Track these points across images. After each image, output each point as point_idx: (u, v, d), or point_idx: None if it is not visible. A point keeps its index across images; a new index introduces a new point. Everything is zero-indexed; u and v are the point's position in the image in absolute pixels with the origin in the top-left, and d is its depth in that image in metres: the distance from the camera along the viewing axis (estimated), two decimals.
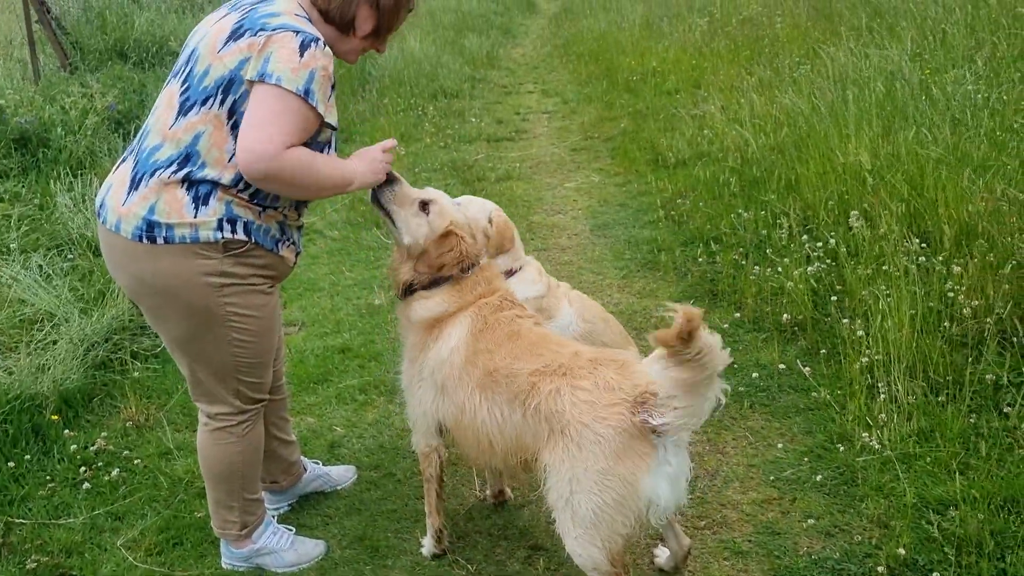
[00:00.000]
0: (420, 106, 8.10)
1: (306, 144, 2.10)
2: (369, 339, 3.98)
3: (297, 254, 2.36)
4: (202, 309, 2.17)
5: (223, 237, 2.12)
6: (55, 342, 3.67)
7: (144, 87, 7.22)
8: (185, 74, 2.14)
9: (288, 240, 2.29)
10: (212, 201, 2.11)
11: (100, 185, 2.40)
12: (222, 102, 2.07)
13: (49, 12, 7.80)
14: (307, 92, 2.03)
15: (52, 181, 5.35)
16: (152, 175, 2.11)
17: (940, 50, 5.61)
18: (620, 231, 5.09)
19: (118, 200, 2.14)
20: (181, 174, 2.09)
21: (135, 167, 2.15)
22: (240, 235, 2.15)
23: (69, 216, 4.85)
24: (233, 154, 2.06)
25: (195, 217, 2.09)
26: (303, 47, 2.03)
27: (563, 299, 2.90)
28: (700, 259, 4.40)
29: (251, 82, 2.03)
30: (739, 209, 4.62)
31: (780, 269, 3.94)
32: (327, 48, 2.10)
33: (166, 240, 2.09)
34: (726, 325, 3.81)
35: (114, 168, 2.25)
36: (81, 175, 5.45)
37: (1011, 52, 5.29)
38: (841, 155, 4.41)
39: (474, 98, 8.73)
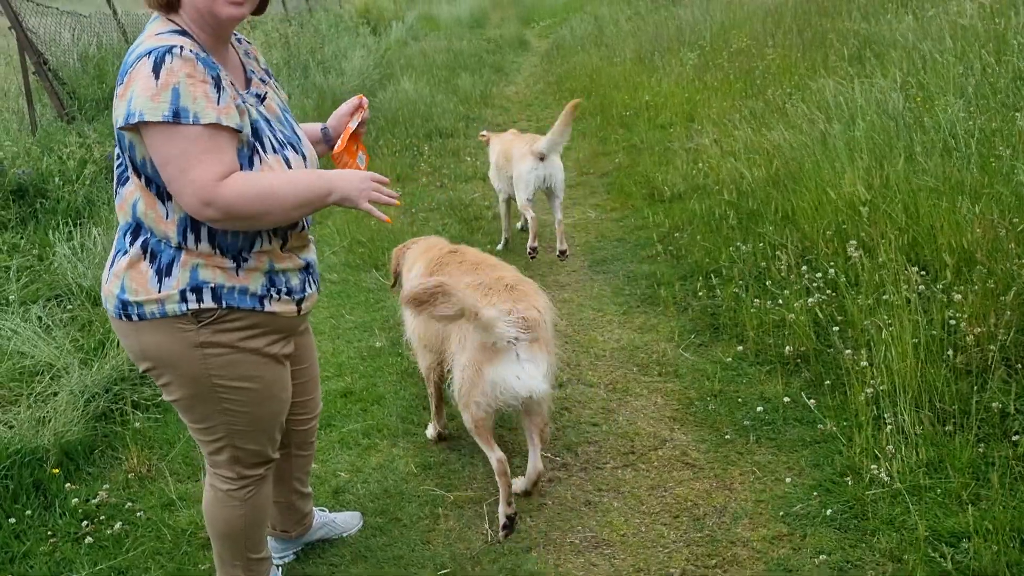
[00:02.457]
0: (415, 146, 8.15)
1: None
2: (371, 382, 3.96)
3: (302, 300, 2.17)
4: (191, 379, 2.07)
5: (188, 309, 1.99)
6: (55, 394, 3.65)
7: None
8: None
9: (281, 290, 2.11)
10: (175, 270, 1.98)
11: (99, 235, 2.36)
12: (131, 161, 1.95)
13: (46, 64, 7.86)
14: (177, 113, 1.81)
15: (51, 231, 5.36)
16: (121, 253, 2.04)
17: (930, 78, 5.65)
18: (619, 266, 5.10)
19: (104, 277, 2.09)
20: (138, 245, 2.00)
21: (115, 244, 2.09)
22: (208, 303, 2.00)
23: (68, 266, 4.85)
24: (169, 209, 1.95)
25: (159, 292, 1.98)
26: (156, 67, 1.82)
27: None
28: (700, 293, 4.39)
29: (123, 129, 1.87)
30: (737, 242, 4.62)
31: (781, 301, 3.94)
32: (186, 52, 1.85)
33: (140, 317, 2.00)
34: (729, 359, 3.81)
35: None
36: (80, 225, 5.46)
37: (1001, 79, 5.32)
38: (835, 186, 4.42)
39: (469, 137, 8.77)
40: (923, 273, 3.68)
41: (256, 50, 2.32)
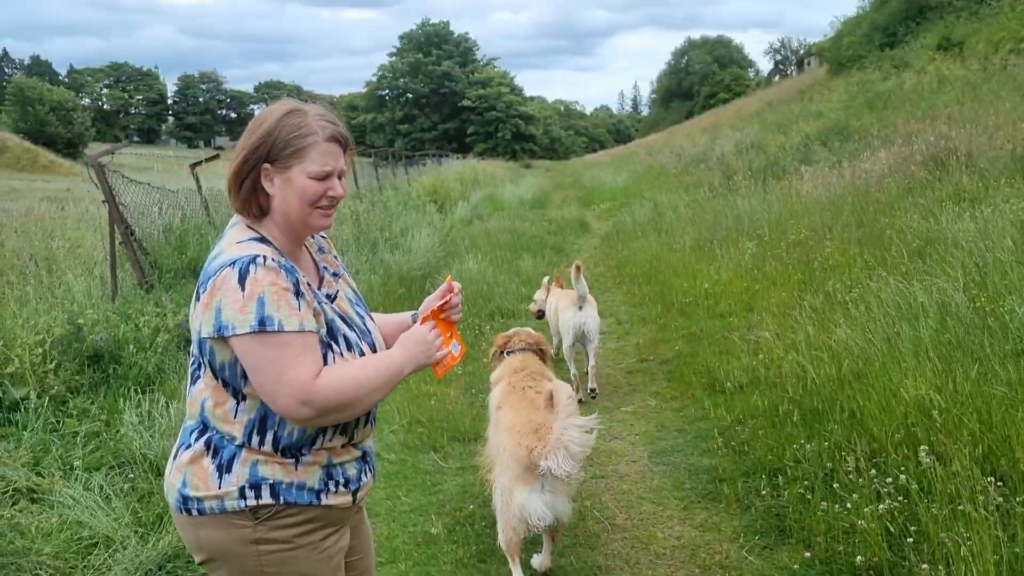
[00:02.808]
0: (477, 326, 8.29)
1: None
2: (425, 570, 3.88)
3: (357, 490, 2.19)
4: (246, 574, 2.07)
5: (247, 505, 2.01)
6: (110, 568, 3.64)
7: None
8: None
9: (339, 482, 2.13)
10: (235, 466, 2.02)
11: (166, 405, 2.38)
12: (208, 364, 2.02)
13: (132, 234, 8.33)
14: (263, 322, 1.90)
15: (120, 398, 5.51)
16: (184, 447, 2.08)
17: (994, 279, 5.65)
18: (679, 458, 5.02)
19: (167, 469, 2.13)
20: (202, 442, 2.05)
21: (179, 438, 2.13)
22: (266, 499, 2.02)
23: (135, 435, 4.94)
24: (239, 409, 2.02)
25: (219, 488, 2.01)
26: (241, 279, 1.92)
27: None
28: (763, 491, 4.28)
29: (214, 339, 1.95)
30: (801, 440, 4.53)
31: (849, 505, 3.80)
32: (269, 261, 1.95)
33: (199, 512, 2.03)
34: (796, 565, 3.66)
35: None
36: (149, 392, 5.61)
37: None
38: (903, 388, 4.36)
39: (530, 318, 8.91)
40: (1000, 484, 3.55)
41: (329, 243, 2.43)
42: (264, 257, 1.96)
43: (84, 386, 5.80)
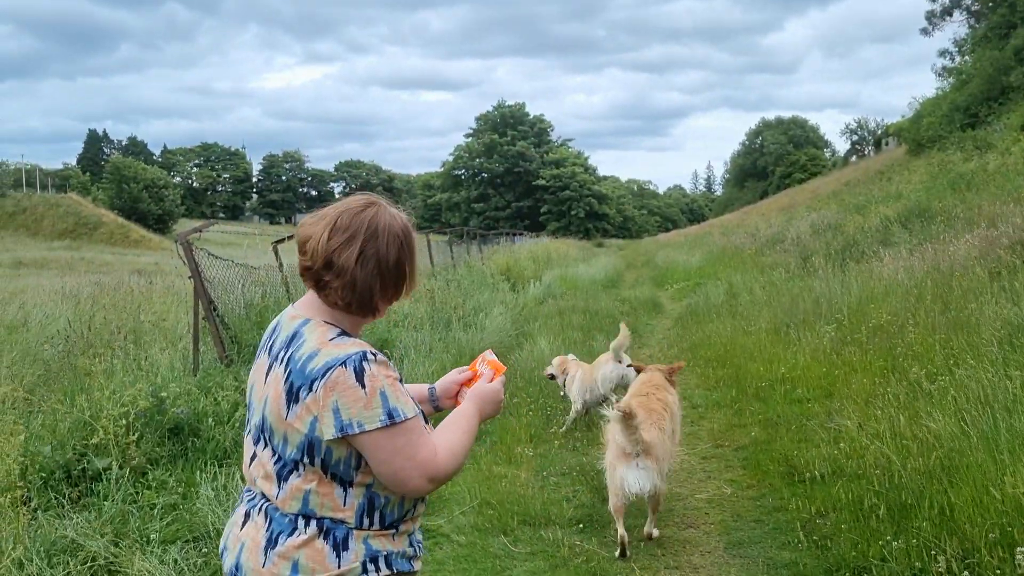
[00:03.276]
0: (549, 406, 8.23)
1: None
2: None
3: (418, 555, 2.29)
4: None
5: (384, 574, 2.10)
6: None
7: None
8: (269, 442, 2.13)
9: (417, 547, 2.23)
10: (351, 544, 2.08)
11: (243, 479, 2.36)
12: (311, 462, 2.07)
13: (216, 309, 8.57)
14: (391, 414, 2.02)
15: (197, 471, 5.60)
16: (285, 534, 2.08)
17: None
18: (757, 551, 4.84)
19: (256, 562, 2.09)
20: (314, 526, 2.08)
21: (269, 526, 2.11)
22: (384, 571, 2.10)
23: (208, 509, 5.00)
24: (348, 495, 2.09)
25: (339, 567, 2.05)
26: (359, 376, 2.01)
27: None
28: None
29: (335, 440, 2.03)
30: (888, 536, 4.33)
31: None
32: (380, 356, 2.07)
33: None
34: None
35: (238, 522, 2.21)
36: (226, 465, 5.69)
37: None
38: (999, 485, 4.15)
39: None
40: None
41: None
42: (374, 353, 2.07)
43: (163, 458, 5.91)
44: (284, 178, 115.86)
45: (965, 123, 29.94)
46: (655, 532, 5.07)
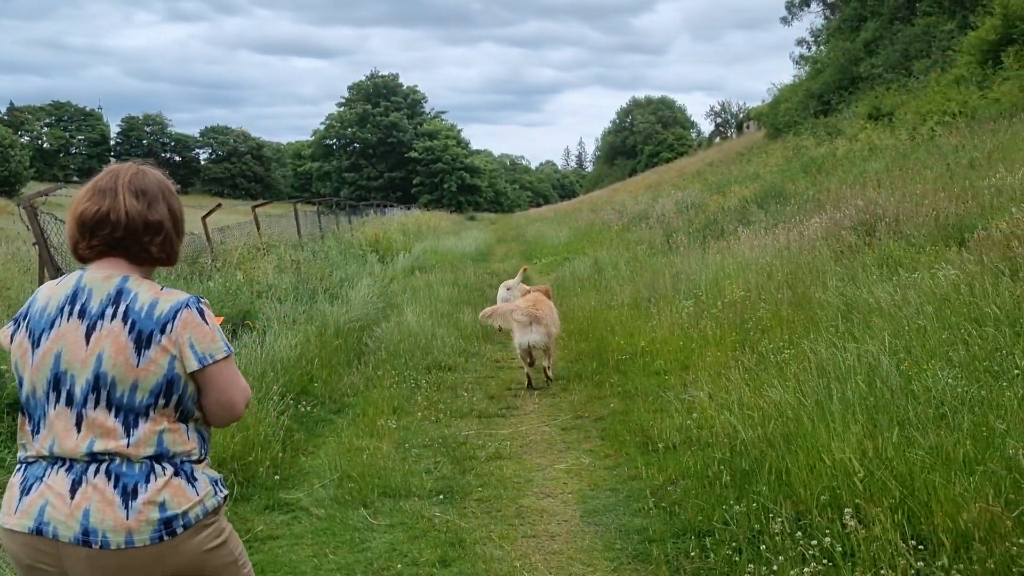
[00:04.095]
0: (413, 379, 8.24)
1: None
2: None
3: None
4: (226, 567, 2.39)
5: (221, 497, 2.38)
6: None
7: None
8: (107, 398, 2.23)
9: None
10: (198, 475, 2.33)
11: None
12: (166, 403, 2.28)
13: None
14: (227, 345, 2.39)
15: None
16: (142, 482, 2.23)
17: (916, 345, 5.82)
18: (611, 518, 5.01)
19: (117, 518, 2.18)
20: (169, 469, 2.28)
21: (117, 483, 2.21)
22: (222, 491, 2.42)
23: None
24: (189, 432, 2.35)
25: (198, 495, 2.30)
26: (202, 315, 2.34)
27: None
28: (692, 553, 4.28)
29: (194, 372, 2.31)
30: (731, 501, 4.57)
31: (776, 567, 3.83)
32: (203, 298, 2.40)
33: (185, 527, 2.25)
34: None
35: (61, 494, 2.21)
36: None
37: (984, 349, 5.48)
38: (829, 452, 4.44)
39: (467, 371, 8.91)
40: (921, 548, 3.62)
41: None
42: (200, 297, 2.39)
43: (3, 434, 5.60)
44: (145, 142, 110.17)
45: (818, 110, 31.51)
46: (550, 373, 8.39)
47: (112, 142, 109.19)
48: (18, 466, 2.33)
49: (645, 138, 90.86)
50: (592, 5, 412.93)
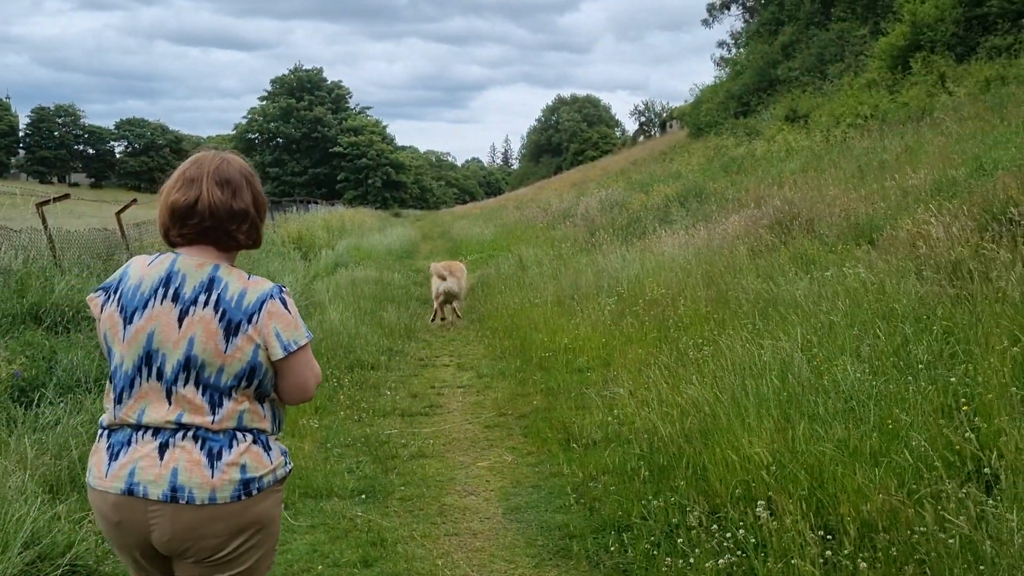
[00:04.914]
0: (336, 377, 8.15)
1: None
2: None
3: None
4: (275, 534, 2.62)
5: (289, 468, 2.64)
6: None
7: (55, 353, 7.12)
8: (196, 378, 2.45)
9: None
10: (272, 446, 2.58)
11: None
12: (248, 385, 2.49)
13: None
14: (307, 332, 2.58)
15: None
16: (226, 448, 2.46)
17: (827, 341, 6.02)
18: (532, 515, 5.05)
19: (203, 476, 2.42)
20: (249, 439, 2.50)
21: (203, 446, 2.44)
22: (290, 464, 2.66)
23: None
24: (265, 409, 2.56)
25: (271, 463, 2.54)
26: (285, 305, 2.51)
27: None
28: (612, 548, 4.36)
29: (278, 360, 2.50)
30: (649, 496, 4.66)
31: (692, 560, 3.93)
32: (284, 286, 2.57)
33: (259, 489, 2.49)
34: None
35: (151, 455, 2.44)
36: None
37: (891, 344, 5.70)
38: (742, 445, 4.56)
39: (390, 370, 8.86)
40: (830, 538, 3.75)
41: None
42: (282, 286, 2.56)
43: None
44: (57, 134, 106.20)
45: (738, 111, 32.22)
46: (460, 314, 12.04)
47: (21, 133, 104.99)
48: (100, 432, 2.54)
49: (570, 136, 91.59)
50: (517, 3, 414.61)
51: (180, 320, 2.44)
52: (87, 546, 4.22)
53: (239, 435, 2.49)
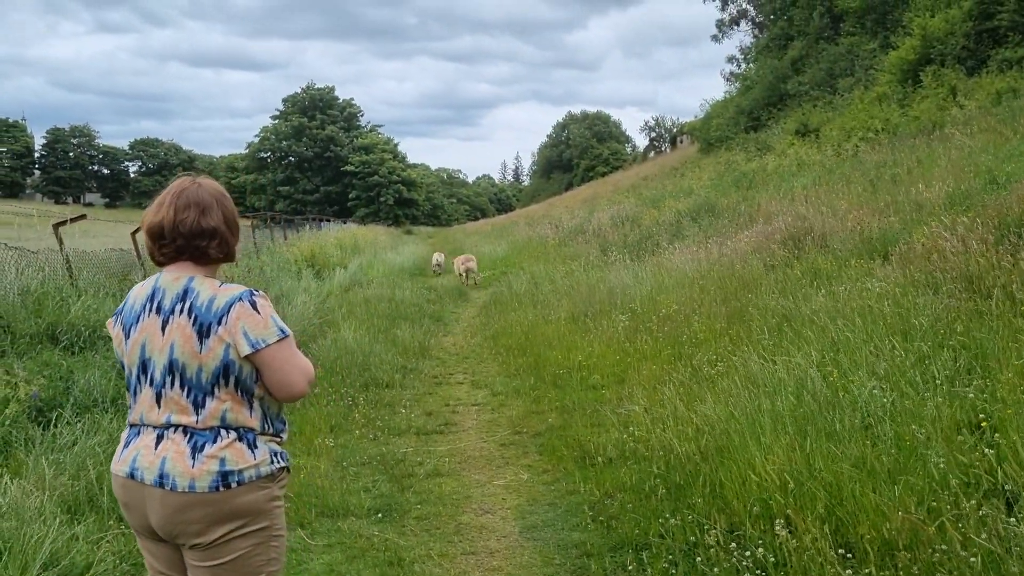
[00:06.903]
0: (351, 396, 8.16)
1: None
2: None
3: None
4: (264, 528, 2.70)
5: (275, 467, 2.73)
6: None
7: (72, 373, 7.17)
8: (180, 380, 2.68)
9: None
10: (259, 444, 2.72)
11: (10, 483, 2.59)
12: (226, 383, 2.66)
13: None
14: (282, 330, 2.69)
15: None
16: (210, 442, 2.66)
17: (844, 357, 5.99)
18: (549, 533, 5.04)
19: (185, 465, 2.63)
20: (233, 434, 2.68)
21: (190, 439, 2.66)
22: (281, 462, 2.77)
23: None
24: (252, 409, 2.71)
25: (255, 459, 2.69)
26: (254, 307, 2.66)
27: None
28: (630, 567, 4.34)
29: (246, 357, 2.64)
30: (666, 514, 4.64)
31: None
32: (258, 291, 2.72)
33: (239, 483, 2.64)
34: None
35: (149, 445, 2.69)
36: None
37: (906, 361, 5.67)
38: (760, 463, 4.54)
39: (405, 388, 8.86)
40: (849, 556, 3.73)
41: None
42: (255, 290, 2.72)
43: None
44: (72, 154, 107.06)
45: (748, 126, 32.24)
46: (478, 281, 19.62)
47: (37, 154, 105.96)
48: (125, 428, 2.84)
49: (581, 152, 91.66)
50: (525, 21, 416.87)
51: (163, 328, 2.70)
52: (105, 567, 4.24)
53: (223, 432, 2.68)
